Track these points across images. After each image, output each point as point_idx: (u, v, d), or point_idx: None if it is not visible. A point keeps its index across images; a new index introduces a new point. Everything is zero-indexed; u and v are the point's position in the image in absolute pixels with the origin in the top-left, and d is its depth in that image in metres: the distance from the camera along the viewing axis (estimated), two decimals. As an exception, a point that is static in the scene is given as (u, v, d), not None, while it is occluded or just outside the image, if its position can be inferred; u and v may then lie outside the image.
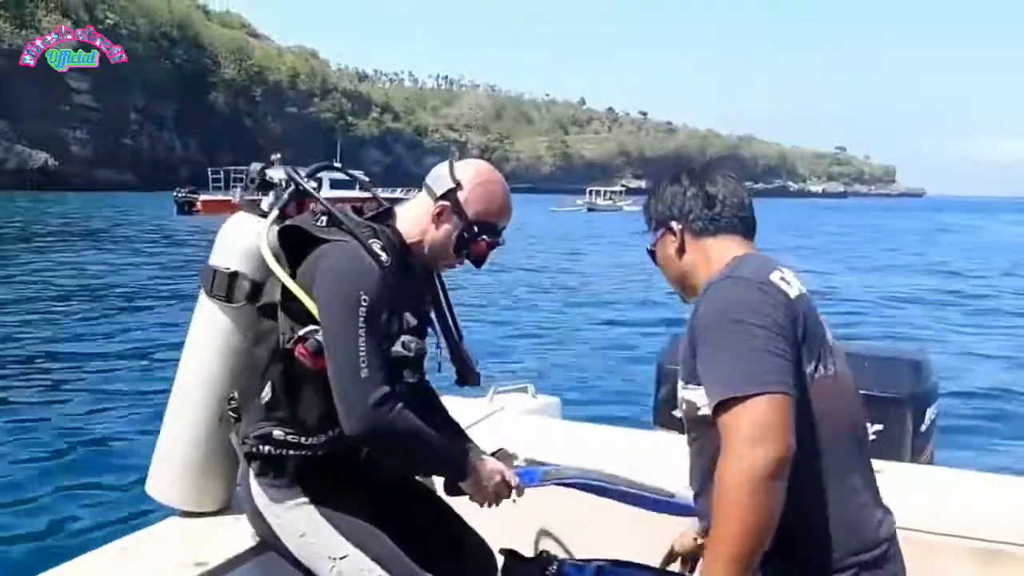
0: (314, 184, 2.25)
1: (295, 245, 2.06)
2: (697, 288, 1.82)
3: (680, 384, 1.76)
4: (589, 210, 75.87)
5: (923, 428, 3.92)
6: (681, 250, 1.88)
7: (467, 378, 2.31)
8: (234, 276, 2.22)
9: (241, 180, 54.03)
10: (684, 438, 1.84)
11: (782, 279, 1.69)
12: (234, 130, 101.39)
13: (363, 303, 1.93)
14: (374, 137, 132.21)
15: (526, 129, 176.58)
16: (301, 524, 2.09)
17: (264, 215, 2.21)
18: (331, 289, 1.96)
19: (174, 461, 2.38)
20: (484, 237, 2.15)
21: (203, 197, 50.29)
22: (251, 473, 2.14)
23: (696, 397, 1.70)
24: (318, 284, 1.98)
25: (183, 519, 2.43)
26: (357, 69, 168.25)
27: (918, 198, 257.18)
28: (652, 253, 1.96)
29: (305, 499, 2.09)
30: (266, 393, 2.04)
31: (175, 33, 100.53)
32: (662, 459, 2.85)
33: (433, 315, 2.27)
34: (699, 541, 2.09)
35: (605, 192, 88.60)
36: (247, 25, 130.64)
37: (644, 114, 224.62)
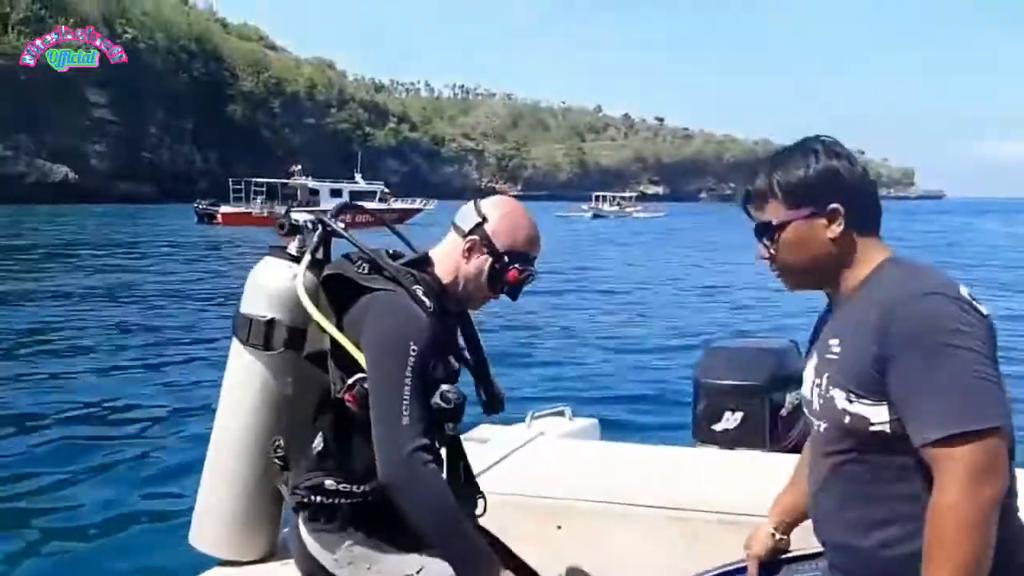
0: (342, 226, 2.23)
1: (337, 291, 2.08)
2: (833, 283, 1.75)
3: (840, 394, 1.65)
4: (595, 216, 75.38)
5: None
6: (835, 238, 1.71)
7: (494, 406, 2.31)
8: (271, 324, 2.22)
9: (262, 192, 54.43)
10: (726, 453, 1.76)
11: (970, 295, 1.61)
12: (252, 142, 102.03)
13: (412, 352, 1.95)
14: (391, 147, 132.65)
15: (543, 137, 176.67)
16: (362, 559, 2.08)
17: (294, 259, 2.23)
18: (380, 338, 1.98)
19: (216, 511, 2.37)
20: (516, 266, 2.16)
21: (223, 209, 50.60)
22: (300, 520, 2.14)
23: (871, 412, 1.61)
24: (367, 333, 1.99)
25: (227, 568, 2.42)
26: (374, 79, 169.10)
27: (938, 200, 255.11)
28: (769, 227, 1.75)
29: (361, 535, 2.08)
30: (318, 443, 2.05)
31: (193, 46, 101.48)
32: (706, 475, 3.00)
33: (463, 347, 2.28)
34: (777, 537, 2.04)
35: (613, 198, 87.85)
36: (264, 37, 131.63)
37: (660, 120, 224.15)
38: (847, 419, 1.64)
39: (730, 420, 3.82)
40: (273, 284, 2.24)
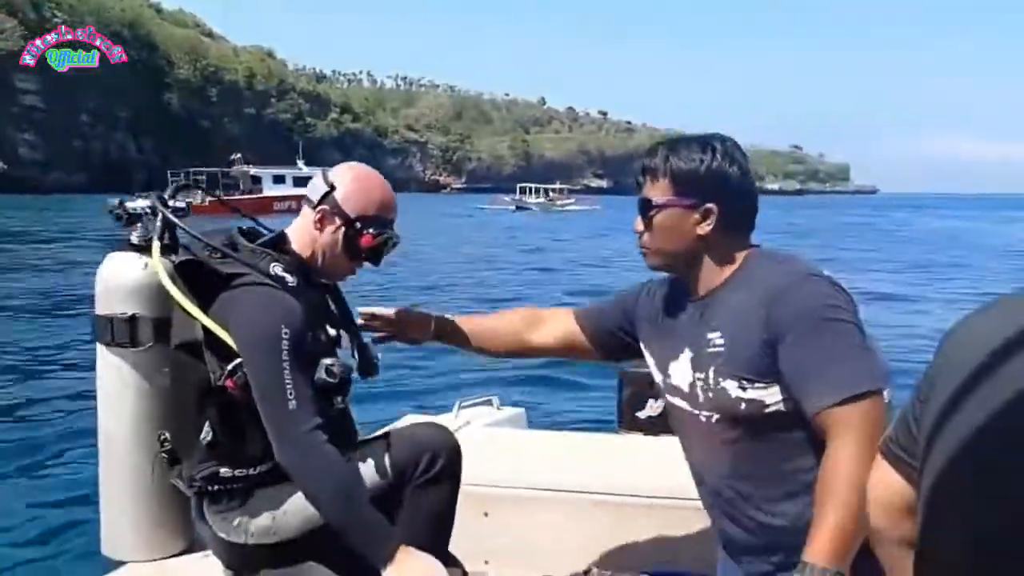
0: (182, 205, 2.20)
1: (193, 277, 2.03)
2: (693, 276, 1.83)
3: (732, 384, 1.71)
4: (517, 208, 71.14)
5: None
6: (704, 234, 1.80)
7: (368, 370, 2.27)
8: (133, 320, 2.20)
9: (202, 181, 53.64)
10: (651, 440, 1.86)
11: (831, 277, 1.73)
12: (190, 131, 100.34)
13: (284, 337, 1.91)
14: (333, 138, 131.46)
15: (487, 129, 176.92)
16: (266, 516, 2.04)
17: (138, 249, 2.19)
18: (250, 334, 1.94)
19: (123, 517, 2.34)
20: (369, 231, 2.12)
21: (109, 201, 49.42)
22: (204, 506, 2.09)
23: (766, 395, 1.69)
24: (237, 332, 1.95)
25: (144, 565, 2.38)
26: (315, 69, 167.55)
27: (871, 195, 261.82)
28: (650, 204, 1.83)
29: (263, 500, 2.05)
30: (206, 433, 2.00)
31: (126, 32, 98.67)
32: (631, 462, 3.07)
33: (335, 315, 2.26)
34: (432, 329, 2.29)
35: (538, 190, 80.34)
36: (201, 24, 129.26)
37: (604, 114, 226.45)
38: (743, 406, 1.71)
39: (653, 407, 3.76)
40: (126, 279, 2.20)
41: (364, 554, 1.94)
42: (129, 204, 2.25)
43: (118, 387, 2.26)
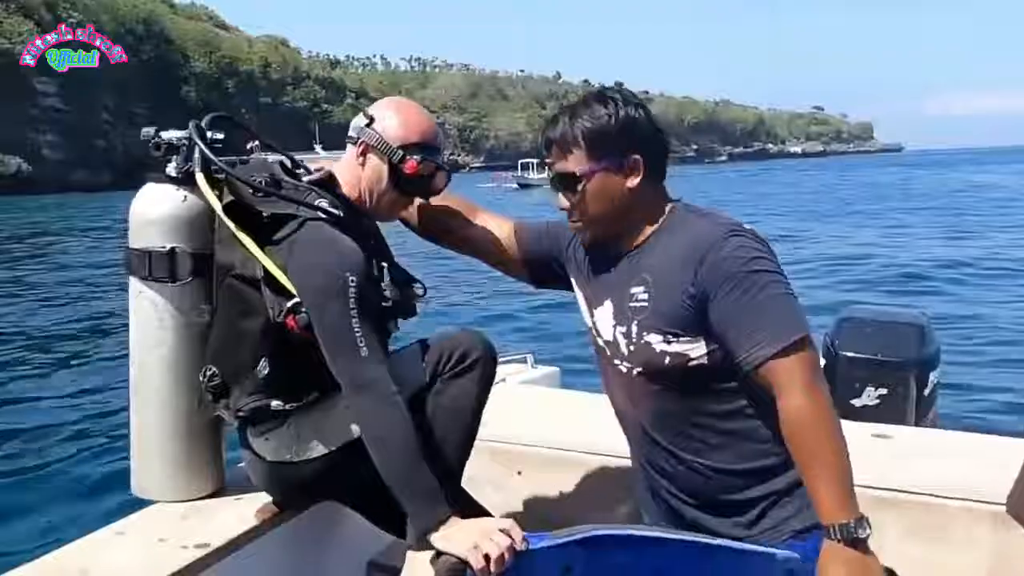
0: (220, 137, 2.15)
1: (239, 217, 1.99)
2: (624, 232, 1.81)
3: (656, 337, 1.73)
4: (520, 186, 67.70)
5: (927, 392, 3.89)
6: (633, 187, 1.78)
7: (406, 311, 2.19)
8: (172, 254, 2.11)
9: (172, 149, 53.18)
10: None
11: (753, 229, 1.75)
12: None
13: (351, 284, 1.88)
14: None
15: (503, 106, 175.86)
16: (310, 431, 2.04)
17: (175, 180, 2.10)
18: (315, 277, 1.91)
19: (155, 455, 2.26)
20: (414, 157, 2.06)
21: (144, 131, 49.39)
22: (251, 440, 2.11)
23: (690, 348, 1.71)
24: (299, 272, 1.92)
25: (179, 503, 2.32)
26: (329, 56, 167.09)
27: (897, 153, 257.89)
28: (574, 177, 1.79)
29: (308, 423, 2.05)
30: (263, 367, 2.00)
31: (140, 29, 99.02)
32: None
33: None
34: None
35: (543, 164, 76.20)
36: (214, 17, 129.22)
37: (620, 84, 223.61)
38: (667, 359, 1.72)
39: (871, 396, 3.75)
40: (166, 211, 2.12)
41: (412, 515, 1.87)
42: (165, 135, 2.17)
43: (154, 322, 2.16)
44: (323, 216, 1.97)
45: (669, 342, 1.72)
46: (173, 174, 2.12)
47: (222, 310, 2.08)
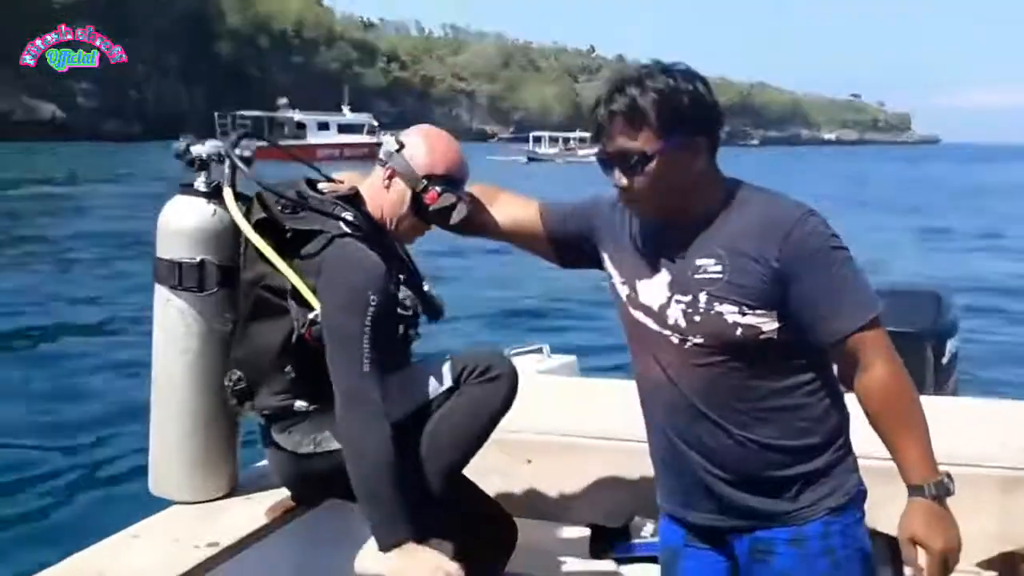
0: (248, 153, 2.21)
1: (274, 233, 2.12)
2: (684, 207, 1.80)
3: (730, 308, 1.75)
4: (529, 160, 65.06)
5: (944, 361, 3.91)
6: (699, 168, 1.78)
7: (434, 313, 2.36)
8: (202, 265, 2.20)
9: (247, 126, 53.54)
10: None
11: None
12: (240, 80, 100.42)
13: (371, 304, 2.00)
14: (381, 88, 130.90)
15: (535, 78, 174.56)
16: (332, 422, 2.11)
17: (205, 195, 2.21)
18: (340, 291, 2.02)
19: (174, 455, 2.37)
20: (436, 188, 2.15)
21: (176, 145, 49.38)
22: (276, 436, 2.22)
23: (762, 322, 1.74)
24: (326, 288, 2.03)
25: (193, 505, 2.43)
26: (363, 18, 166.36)
27: (933, 145, 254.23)
28: (644, 156, 1.73)
29: (331, 419, 2.11)
30: (288, 371, 2.13)
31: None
32: None
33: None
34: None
35: (560, 139, 72.92)
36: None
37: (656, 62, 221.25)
38: (738, 331, 1.75)
39: None
40: (197, 224, 2.21)
41: (372, 529, 2.00)
42: (194, 149, 2.27)
43: (180, 330, 2.27)
44: (348, 231, 2.08)
45: (744, 314, 1.75)
46: (202, 189, 2.22)
47: (250, 318, 2.19)
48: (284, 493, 2.40)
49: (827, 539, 1.80)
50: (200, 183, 2.23)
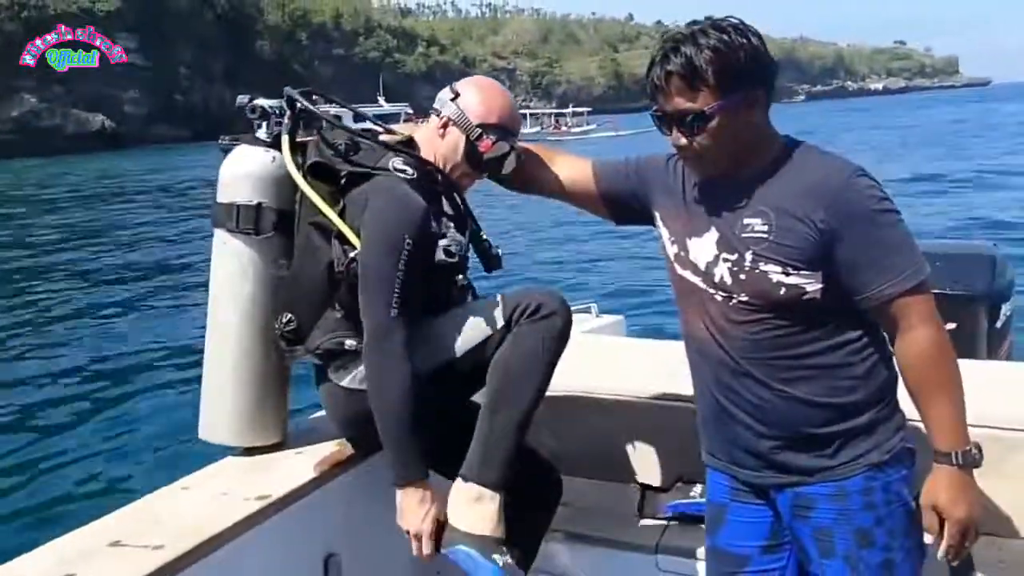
0: (309, 104, 2.25)
1: (322, 174, 2.16)
2: (738, 163, 1.79)
3: (774, 268, 1.75)
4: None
5: (999, 324, 3.81)
6: (754, 122, 1.78)
7: (491, 263, 2.36)
8: (259, 208, 2.24)
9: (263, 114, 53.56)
10: None
11: None
12: (283, 76, 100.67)
13: (407, 246, 2.02)
14: (422, 72, 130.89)
15: (575, 50, 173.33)
16: None
17: (267, 144, 2.25)
18: (376, 231, 2.05)
19: (225, 400, 2.37)
20: (490, 137, 2.18)
21: (240, 99, 49.90)
22: (331, 375, 2.23)
23: (807, 282, 1.73)
24: (366, 223, 2.06)
25: (242, 458, 2.44)
26: (399, 4, 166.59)
27: (983, 87, 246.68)
28: (702, 115, 1.72)
29: None
30: (337, 309, 2.15)
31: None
32: None
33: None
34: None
35: (544, 116, 68.06)
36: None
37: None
38: (782, 290, 1.75)
39: None
40: (255, 169, 2.26)
41: (390, 464, 2.09)
42: (258, 102, 2.31)
43: (235, 273, 2.30)
44: (397, 174, 2.11)
45: (788, 274, 1.74)
46: (264, 137, 2.27)
47: (298, 259, 2.21)
48: (333, 447, 2.42)
49: (869, 494, 1.79)
50: (262, 132, 2.28)
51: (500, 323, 2.13)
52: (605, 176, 2.15)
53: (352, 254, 2.08)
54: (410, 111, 57.47)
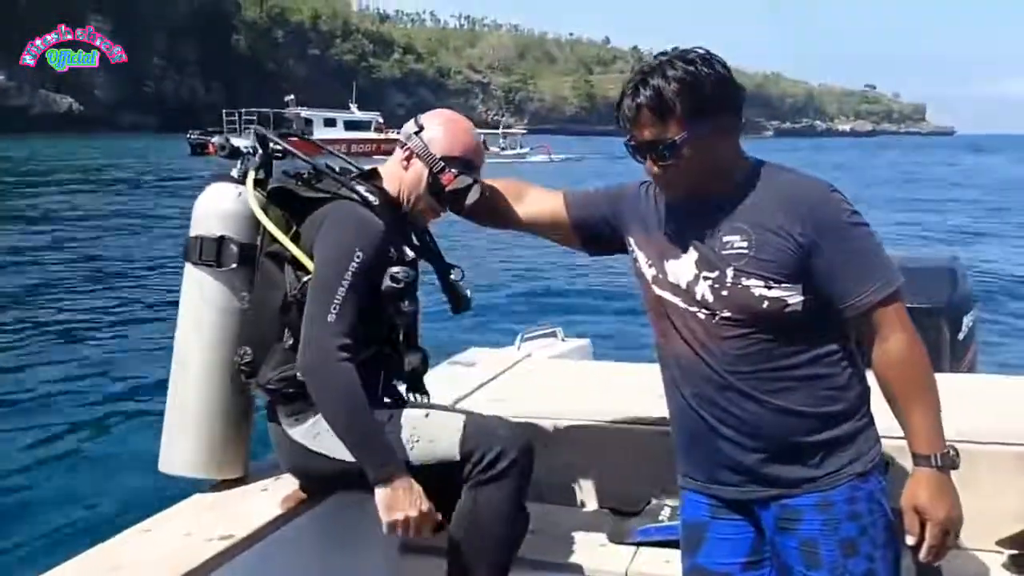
0: (279, 148, 2.31)
1: (284, 204, 2.19)
2: (710, 186, 1.83)
3: (756, 282, 1.78)
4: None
5: (961, 336, 3.83)
6: (725, 147, 1.82)
7: (458, 304, 2.38)
8: (221, 240, 2.26)
9: (253, 122, 52.93)
10: None
11: None
12: (257, 73, 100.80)
13: (356, 259, 2.02)
14: (396, 79, 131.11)
15: (549, 69, 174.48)
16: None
17: (237, 181, 2.28)
18: (328, 245, 2.07)
19: (186, 430, 2.35)
20: (452, 171, 2.19)
21: (215, 139, 49.36)
22: (281, 419, 2.20)
23: (788, 295, 1.77)
24: (319, 242, 2.08)
25: (205, 495, 2.40)
26: (378, 9, 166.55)
27: (948, 136, 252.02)
28: (673, 145, 1.76)
29: None
30: (287, 339, 2.13)
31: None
32: None
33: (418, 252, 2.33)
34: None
35: (499, 135, 60.00)
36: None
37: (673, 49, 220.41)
38: (765, 303, 1.78)
39: None
40: (220, 204, 2.29)
41: (364, 467, 2.03)
42: (234, 142, 2.37)
43: (199, 304, 2.32)
44: (356, 199, 2.13)
45: (770, 287, 1.78)
46: (234, 175, 2.31)
47: (257, 291, 2.23)
48: (297, 483, 2.39)
49: (854, 504, 1.82)
50: (234, 171, 2.32)
51: (455, 456, 2.12)
52: (576, 205, 2.16)
53: (305, 279, 2.09)
54: (381, 120, 57.33)
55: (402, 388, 2.36)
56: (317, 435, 2.14)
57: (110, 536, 2.19)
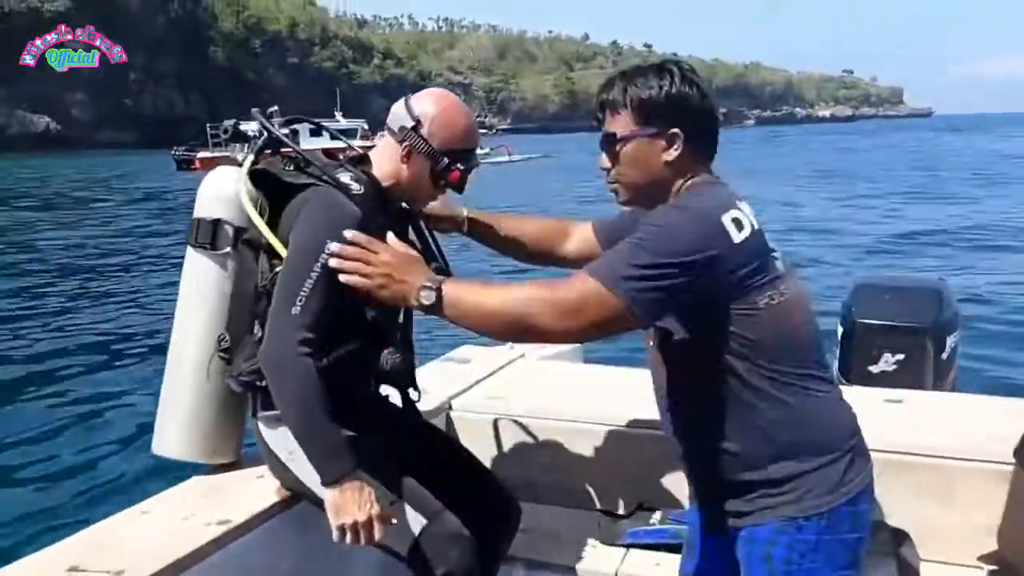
0: (286, 131, 2.24)
1: (274, 191, 2.11)
2: (660, 200, 1.80)
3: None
4: None
5: (944, 356, 3.91)
6: (671, 160, 1.78)
7: None
8: (217, 223, 2.25)
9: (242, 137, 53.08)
10: None
11: (733, 220, 1.66)
12: (236, 84, 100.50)
13: (325, 252, 1.92)
14: (377, 84, 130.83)
15: (530, 68, 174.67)
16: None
17: (239, 164, 2.23)
18: (300, 233, 2.00)
19: (179, 413, 2.35)
20: (458, 165, 2.15)
21: (201, 154, 48.85)
22: (258, 416, 2.17)
23: (673, 326, 1.72)
24: (295, 229, 2.02)
25: (203, 478, 2.41)
26: (356, 15, 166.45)
27: (926, 118, 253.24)
28: (614, 138, 1.80)
29: None
30: (256, 331, 2.09)
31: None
32: None
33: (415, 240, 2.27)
34: (463, 217, 2.36)
35: None
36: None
37: (649, 46, 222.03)
38: (659, 336, 1.78)
39: (889, 361, 3.80)
40: (219, 187, 2.28)
41: (314, 466, 1.97)
42: (243, 127, 2.34)
43: (195, 287, 2.32)
44: (334, 187, 2.05)
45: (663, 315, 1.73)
46: (239, 159, 2.26)
47: (237, 278, 2.22)
48: None
49: (772, 546, 1.72)
50: (240, 155, 2.29)
51: (403, 551, 2.09)
52: (604, 235, 2.23)
53: (277, 268, 2.04)
54: (366, 127, 57.31)
55: (390, 389, 2.33)
56: (291, 453, 2.07)
57: (109, 515, 2.21)
